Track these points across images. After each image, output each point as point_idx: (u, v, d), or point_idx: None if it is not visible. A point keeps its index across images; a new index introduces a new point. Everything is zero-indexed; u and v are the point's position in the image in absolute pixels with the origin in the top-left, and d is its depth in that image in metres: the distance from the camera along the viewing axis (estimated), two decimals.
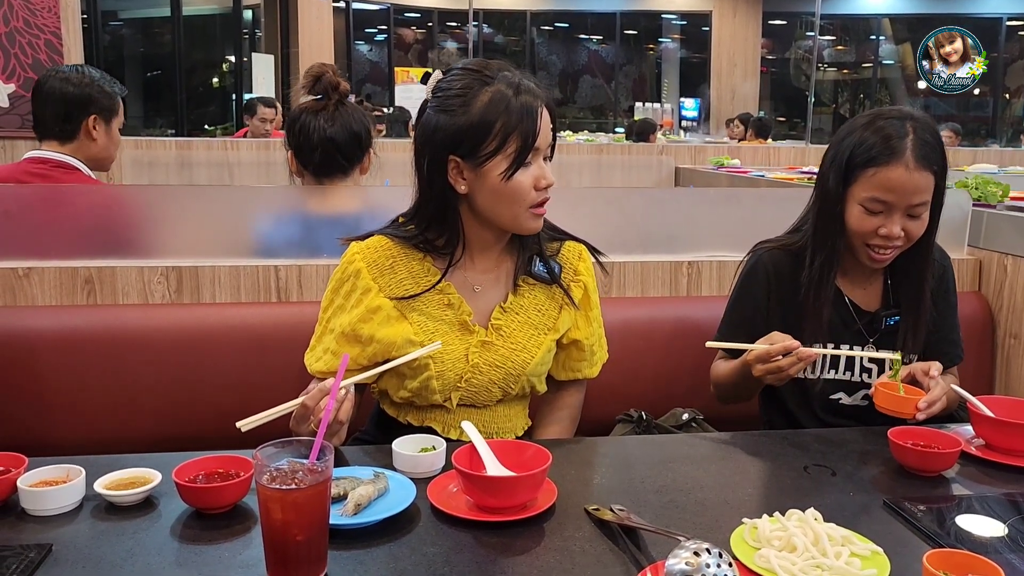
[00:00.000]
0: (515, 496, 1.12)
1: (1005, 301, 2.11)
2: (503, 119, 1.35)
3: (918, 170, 1.52)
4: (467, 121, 1.36)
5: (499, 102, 1.35)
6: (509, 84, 1.37)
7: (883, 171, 1.53)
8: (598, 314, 1.60)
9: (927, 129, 1.55)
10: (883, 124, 1.55)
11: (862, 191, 1.56)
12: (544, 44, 15.59)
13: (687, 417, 1.79)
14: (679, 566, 0.90)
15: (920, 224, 1.56)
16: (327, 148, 1.97)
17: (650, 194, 3.30)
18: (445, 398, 1.45)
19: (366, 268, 1.44)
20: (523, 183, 1.38)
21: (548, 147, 1.43)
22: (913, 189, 1.52)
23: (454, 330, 1.45)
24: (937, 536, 1.08)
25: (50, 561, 1.00)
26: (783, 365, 1.48)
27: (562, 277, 1.53)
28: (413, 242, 1.46)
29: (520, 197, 1.39)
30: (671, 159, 6.49)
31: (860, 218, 1.57)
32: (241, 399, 1.75)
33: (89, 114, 2.29)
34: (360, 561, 1.01)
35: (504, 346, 1.46)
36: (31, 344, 1.74)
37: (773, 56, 14.69)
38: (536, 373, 1.50)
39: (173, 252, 1.94)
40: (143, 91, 11.15)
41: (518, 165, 1.37)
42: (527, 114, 1.36)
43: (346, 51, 13.07)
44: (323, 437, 1.02)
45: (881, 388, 1.46)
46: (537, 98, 1.38)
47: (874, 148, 1.54)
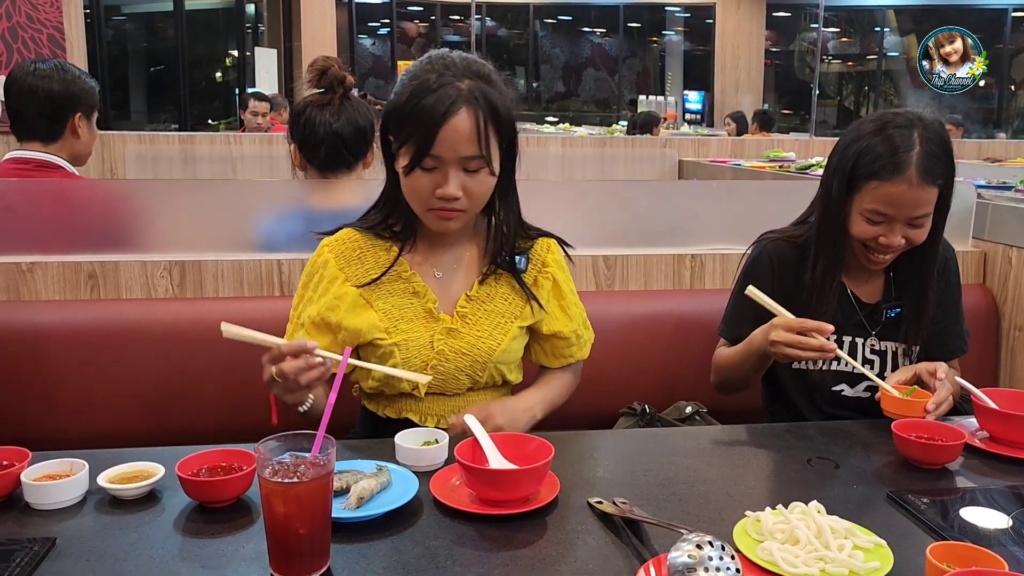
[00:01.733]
0: (517, 489, 1.11)
1: (1010, 293, 2.10)
2: (410, 116, 1.34)
3: (921, 186, 1.50)
4: (392, 105, 1.39)
5: (413, 98, 1.34)
6: (430, 84, 1.33)
7: (886, 186, 1.52)
8: (575, 301, 1.59)
9: (934, 139, 1.53)
10: (891, 133, 1.53)
11: (864, 202, 1.55)
12: (547, 37, 15.54)
13: (690, 410, 1.79)
14: (682, 559, 0.90)
15: (922, 232, 1.56)
16: (333, 142, 1.97)
17: (652, 187, 3.30)
18: (413, 386, 1.46)
19: (333, 259, 1.47)
20: (421, 184, 1.37)
21: (462, 160, 1.34)
22: (915, 204, 1.52)
23: (419, 318, 1.46)
24: (941, 529, 1.08)
25: (54, 555, 1.00)
26: (804, 343, 1.46)
27: (530, 271, 1.53)
28: (378, 230, 1.49)
29: (420, 196, 1.39)
30: (674, 152, 6.47)
31: (861, 226, 1.57)
32: (244, 393, 1.75)
33: (75, 112, 2.22)
34: (363, 554, 1.01)
35: (470, 333, 1.46)
36: (35, 339, 1.74)
37: (777, 48, 14.63)
38: (503, 361, 1.50)
39: (176, 246, 1.94)
40: (146, 86, 11.15)
41: (412, 166, 1.36)
42: (429, 119, 1.31)
43: (349, 45, 13.05)
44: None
45: (887, 393, 1.45)
46: (454, 104, 1.31)
47: (879, 160, 1.52)
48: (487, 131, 1.35)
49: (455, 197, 1.36)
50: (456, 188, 1.35)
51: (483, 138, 1.34)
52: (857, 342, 1.67)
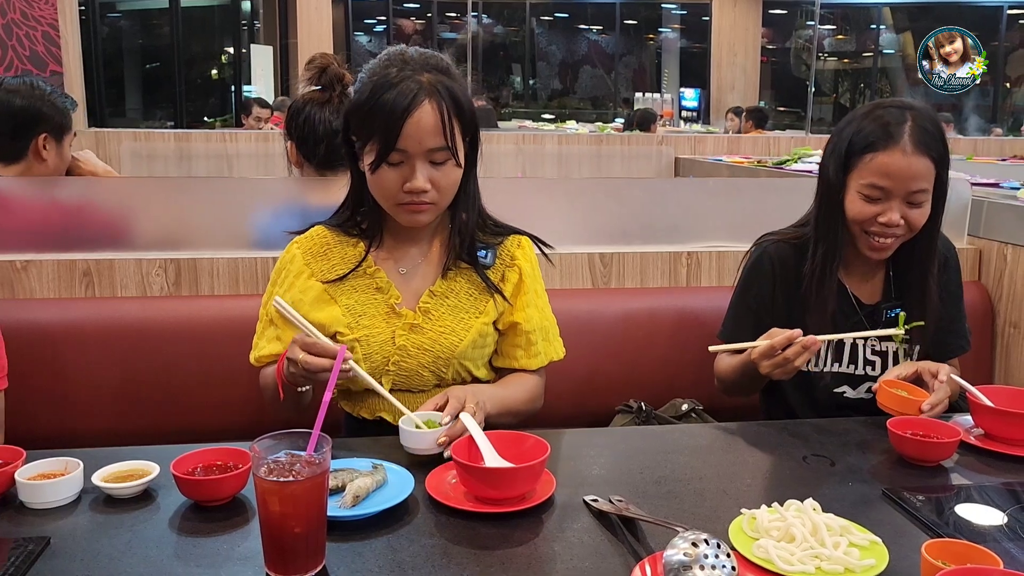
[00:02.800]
0: (513, 487, 1.11)
1: (1005, 290, 2.11)
2: (372, 113, 1.34)
3: (916, 155, 1.51)
4: (352, 104, 1.40)
5: (373, 94, 1.34)
6: (390, 79, 1.34)
7: (880, 156, 1.53)
8: (543, 303, 1.55)
9: (927, 118, 1.55)
10: (882, 113, 1.56)
11: (860, 178, 1.56)
12: (544, 34, 15.53)
13: (687, 408, 1.79)
14: (677, 557, 0.90)
15: (921, 213, 1.56)
16: (332, 141, 1.97)
17: (649, 184, 3.30)
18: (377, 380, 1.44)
19: (301, 254, 1.49)
20: (388, 179, 1.37)
21: (428, 152, 1.35)
22: (911, 175, 1.52)
23: (382, 314, 1.46)
24: (936, 526, 1.08)
25: (48, 554, 1.00)
26: (789, 356, 1.46)
27: (497, 265, 1.51)
28: (346, 227, 1.50)
29: (387, 192, 1.39)
30: (671, 149, 6.48)
31: (859, 205, 1.56)
32: (240, 391, 1.76)
33: (39, 132, 2.06)
34: (358, 553, 1.01)
35: (432, 329, 1.46)
36: (29, 337, 1.73)
37: (774, 46, 14.62)
38: (467, 357, 1.48)
39: (171, 244, 1.94)
40: (142, 83, 11.13)
41: (379, 162, 1.36)
42: (391, 113, 1.32)
43: (345, 42, 13.02)
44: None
45: (885, 387, 1.46)
46: (416, 97, 1.32)
47: (872, 135, 1.54)
48: (451, 123, 1.36)
49: (423, 190, 1.36)
50: (424, 181, 1.36)
51: (447, 129, 1.35)
52: (858, 343, 1.67)
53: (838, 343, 1.67)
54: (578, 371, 1.85)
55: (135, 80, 11.03)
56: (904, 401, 1.42)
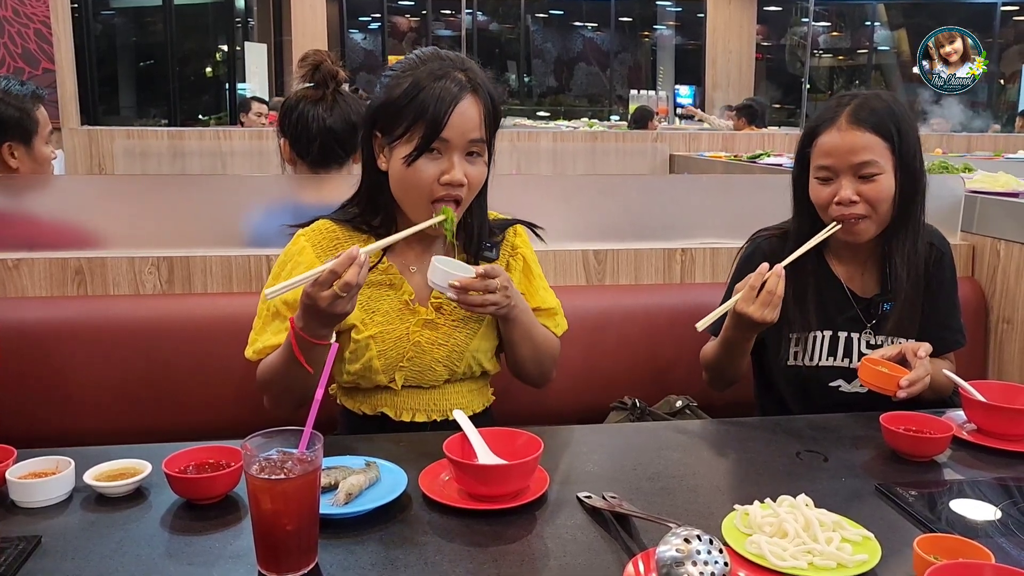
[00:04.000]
0: (506, 484, 1.11)
1: (998, 286, 2.11)
2: (415, 103, 1.36)
3: (852, 129, 1.56)
4: (387, 98, 1.39)
5: (416, 86, 1.36)
6: (434, 71, 1.37)
7: (821, 138, 1.59)
8: (545, 284, 1.61)
9: (876, 95, 1.59)
10: (834, 101, 1.61)
11: (813, 163, 1.61)
12: (539, 31, 15.51)
13: (681, 404, 1.79)
14: (670, 553, 0.90)
15: (876, 187, 1.57)
16: (326, 138, 1.96)
17: (643, 181, 3.29)
18: (390, 378, 1.46)
19: (311, 247, 1.47)
20: (425, 172, 1.37)
21: (469, 143, 1.38)
22: (848, 148, 1.55)
23: (395, 310, 1.46)
24: (928, 521, 1.08)
25: (39, 553, 0.99)
26: (770, 288, 1.48)
27: (502, 257, 1.54)
28: (354, 223, 1.49)
29: (420, 185, 1.38)
30: (666, 146, 6.48)
31: (816, 190, 1.61)
32: (233, 389, 1.75)
33: (3, 141, 1.95)
34: (351, 551, 1.00)
35: (446, 323, 1.47)
36: (21, 336, 1.73)
37: (768, 43, 14.63)
38: (480, 349, 1.50)
39: (164, 242, 1.93)
40: (135, 81, 11.09)
41: (420, 152, 1.36)
42: (438, 102, 1.35)
43: (340, 39, 12.99)
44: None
45: (867, 363, 1.47)
46: (462, 89, 1.36)
47: (816, 120, 1.61)
48: (488, 118, 1.40)
49: (461, 183, 1.38)
50: (462, 173, 1.37)
51: (486, 124, 1.40)
52: (853, 337, 1.67)
53: (835, 339, 1.67)
54: (572, 368, 1.85)
55: (129, 78, 10.99)
56: (885, 376, 1.43)
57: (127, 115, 10.68)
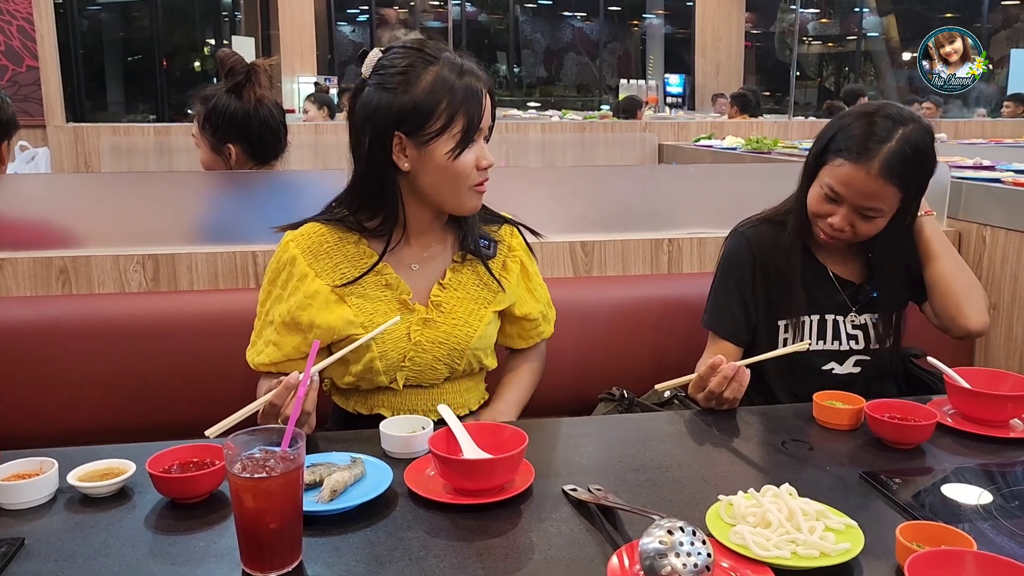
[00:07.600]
0: (492, 478, 1.11)
1: (984, 272, 2.12)
2: (448, 99, 1.36)
3: (880, 180, 1.52)
4: (411, 99, 1.37)
5: (444, 82, 1.37)
6: (453, 65, 1.38)
7: (847, 166, 1.54)
8: (540, 282, 1.64)
9: (914, 143, 1.52)
10: (876, 120, 1.54)
11: (826, 175, 1.59)
12: (528, 22, 15.48)
13: (669, 394, 1.79)
14: (653, 545, 0.90)
15: (872, 226, 1.58)
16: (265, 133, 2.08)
17: (630, 172, 3.29)
18: (391, 379, 1.45)
19: (301, 255, 1.45)
20: (468, 163, 1.40)
21: (489, 129, 1.45)
22: (869, 194, 1.54)
23: (393, 310, 1.45)
24: (912, 508, 1.09)
25: (23, 555, 0.99)
26: (712, 388, 1.43)
27: (498, 256, 1.55)
28: (346, 224, 1.47)
29: (464, 176, 1.41)
30: (654, 136, 6.48)
31: (816, 199, 1.61)
32: (219, 386, 1.74)
33: None
34: (336, 547, 1.00)
35: (445, 322, 1.46)
36: (5, 335, 1.72)
37: (758, 30, 14.63)
38: (480, 347, 1.50)
39: (149, 240, 1.92)
40: (123, 77, 11.02)
41: (464, 145, 1.38)
42: (472, 95, 1.38)
43: (328, 32, 12.93)
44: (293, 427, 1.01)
45: (818, 402, 1.41)
46: (480, 80, 1.40)
47: (851, 140, 1.54)
48: (494, 105, 1.46)
49: (493, 163, 1.44)
50: (491, 156, 1.45)
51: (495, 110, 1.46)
52: (839, 319, 1.69)
53: (823, 323, 1.67)
54: (561, 360, 1.85)
55: (116, 73, 10.93)
56: (837, 412, 1.38)
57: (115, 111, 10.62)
